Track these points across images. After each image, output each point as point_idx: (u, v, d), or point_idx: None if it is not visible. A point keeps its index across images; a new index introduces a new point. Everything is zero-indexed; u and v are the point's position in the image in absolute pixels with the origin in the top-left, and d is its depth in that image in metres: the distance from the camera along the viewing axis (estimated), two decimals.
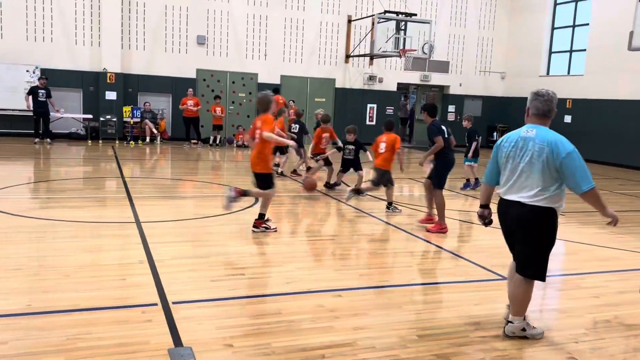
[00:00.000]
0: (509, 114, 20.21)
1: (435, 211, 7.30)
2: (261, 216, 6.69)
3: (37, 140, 14.93)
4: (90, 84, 16.52)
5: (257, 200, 8.49)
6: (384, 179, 8.18)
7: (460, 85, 21.13)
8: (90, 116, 16.38)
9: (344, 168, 9.91)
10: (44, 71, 15.72)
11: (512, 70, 21.19)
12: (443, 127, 7.29)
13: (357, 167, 9.75)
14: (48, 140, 15.12)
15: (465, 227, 7.73)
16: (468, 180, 11.17)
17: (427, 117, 7.37)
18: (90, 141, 15.96)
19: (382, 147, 8.17)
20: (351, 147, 9.72)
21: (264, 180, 6.61)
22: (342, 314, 4.20)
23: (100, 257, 5.41)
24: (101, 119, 16.24)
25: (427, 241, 6.73)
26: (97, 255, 5.46)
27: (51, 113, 15.25)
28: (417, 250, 6.48)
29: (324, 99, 19.35)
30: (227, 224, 7.07)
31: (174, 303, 4.20)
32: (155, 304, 4.17)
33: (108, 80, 16.45)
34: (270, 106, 6.57)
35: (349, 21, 19.07)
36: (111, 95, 16.52)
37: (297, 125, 11.76)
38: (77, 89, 16.54)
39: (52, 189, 9.13)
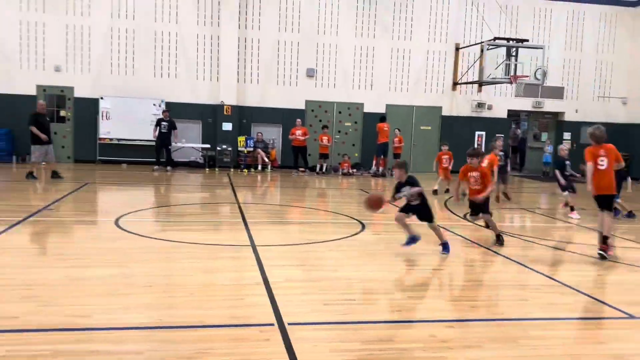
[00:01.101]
0: (633, 142, 18.84)
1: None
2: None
3: (156, 167, 16.18)
4: (208, 115, 17.72)
5: (363, 227, 8.61)
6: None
7: (577, 111, 20.07)
8: (208, 146, 17.52)
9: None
10: (168, 104, 17.13)
11: (636, 95, 19.81)
12: None
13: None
14: (168, 168, 16.34)
15: (584, 260, 7.30)
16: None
17: None
18: (207, 169, 17.03)
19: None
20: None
21: None
22: (455, 345, 4.14)
23: (220, 277, 5.77)
24: (218, 148, 17.31)
25: (543, 274, 6.44)
26: (216, 275, 5.82)
27: (172, 143, 16.49)
28: (532, 283, 6.22)
29: (429, 127, 19.24)
30: (335, 250, 7.23)
31: (289, 324, 4.38)
32: (272, 324, 4.38)
33: (225, 112, 17.55)
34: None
35: (457, 49, 18.93)
36: (227, 126, 17.60)
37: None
38: (197, 121, 17.80)
39: (173, 213, 9.86)
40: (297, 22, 18.01)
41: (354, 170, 17.89)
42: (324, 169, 17.61)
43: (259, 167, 17.25)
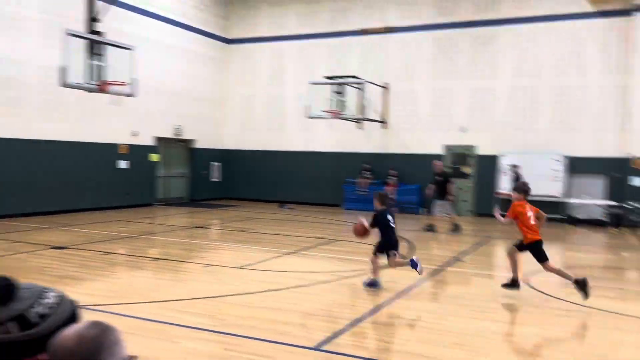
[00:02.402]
0: None
1: None
2: None
3: None
4: (614, 170, 16.37)
5: None
6: None
7: None
8: (613, 203, 16.13)
9: None
10: (567, 158, 16.59)
11: None
12: None
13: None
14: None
15: None
16: None
17: None
18: (614, 228, 15.64)
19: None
20: None
21: None
22: None
23: None
24: (625, 205, 15.73)
25: None
26: None
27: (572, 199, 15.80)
28: None
29: None
30: None
31: None
32: None
33: (633, 166, 15.91)
34: None
35: None
36: (637, 181, 15.87)
37: None
38: (599, 175, 16.64)
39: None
40: None
41: None
42: None
43: None
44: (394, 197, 18.57)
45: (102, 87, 12.16)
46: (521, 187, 7.42)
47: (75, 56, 11.74)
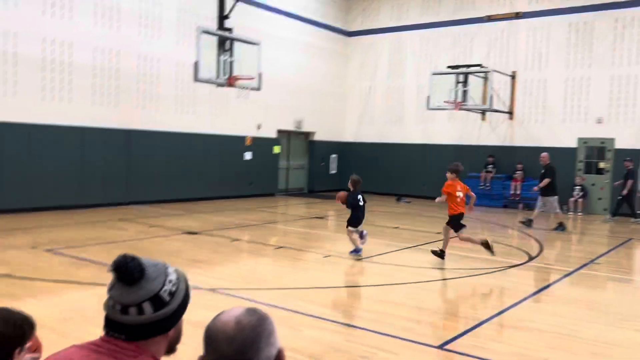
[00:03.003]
0: None
1: None
2: None
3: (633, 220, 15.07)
4: None
5: None
6: None
7: None
8: None
9: None
10: None
11: None
12: None
13: None
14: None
15: None
16: None
17: None
18: None
19: None
20: None
21: None
22: None
23: None
24: None
25: None
26: None
27: None
28: None
29: None
30: None
31: None
32: None
33: None
34: None
35: None
36: None
37: None
38: None
39: None
40: None
41: None
42: None
43: None
44: (518, 193, 17.63)
45: (230, 81, 12.75)
46: (454, 168, 8.81)
47: (206, 52, 12.41)
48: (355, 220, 9.03)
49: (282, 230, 11.87)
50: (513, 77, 18.28)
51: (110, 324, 1.58)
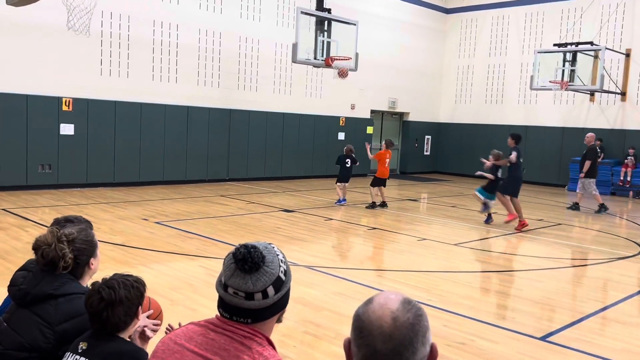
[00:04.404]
0: None
1: None
2: None
3: None
4: None
5: None
6: None
7: None
8: None
9: None
10: None
11: None
12: None
13: None
14: None
15: None
16: None
17: None
18: None
19: None
20: None
21: None
22: None
23: None
24: None
25: None
26: None
27: None
28: None
29: None
30: None
31: None
32: None
33: None
34: None
35: None
36: None
37: None
38: None
39: None
40: None
41: None
42: None
43: None
44: (629, 180, 16.43)
45: (327, 62, 12.82)
46: (389, 143, 12.47)
47: (304, 33, 12.55)
48: (340, 176, 12.23)
49: (374, 211, 11.89)
50: (628, 55, 16.92)
51: (231, 310, 1.65)
